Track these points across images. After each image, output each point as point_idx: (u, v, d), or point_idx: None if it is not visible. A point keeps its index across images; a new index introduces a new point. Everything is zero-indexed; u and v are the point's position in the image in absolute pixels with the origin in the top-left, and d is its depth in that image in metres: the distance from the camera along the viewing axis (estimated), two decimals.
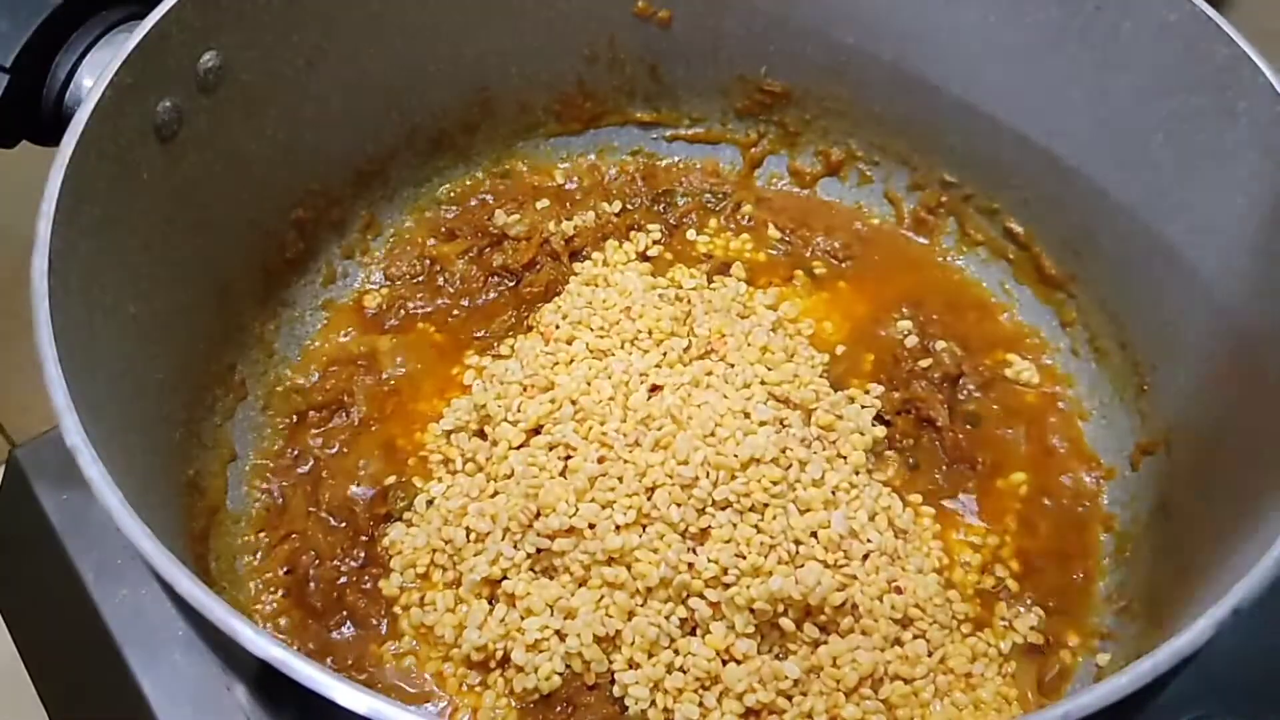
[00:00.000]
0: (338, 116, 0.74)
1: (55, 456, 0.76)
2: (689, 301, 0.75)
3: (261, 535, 0.68)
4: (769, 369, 0.69)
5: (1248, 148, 0.61)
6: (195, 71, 0.62)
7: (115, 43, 0.62)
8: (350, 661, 0.64)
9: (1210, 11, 0.62)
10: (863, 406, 0.71)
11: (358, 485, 0.70)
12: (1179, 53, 0.63)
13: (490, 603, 0.63)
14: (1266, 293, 0.60)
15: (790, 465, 0.64)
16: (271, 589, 0.66)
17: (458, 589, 0.64)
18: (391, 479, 0.70)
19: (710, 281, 0.78)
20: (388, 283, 0.80)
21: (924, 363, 0.74)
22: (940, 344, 0.76)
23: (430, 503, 0.68)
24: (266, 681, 0.43)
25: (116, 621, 0.69)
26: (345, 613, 0.65)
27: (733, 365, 0.69)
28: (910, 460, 0.71)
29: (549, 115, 0.85)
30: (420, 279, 0.80)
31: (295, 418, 0.73)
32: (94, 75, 0.61)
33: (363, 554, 0.67)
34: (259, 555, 0.68)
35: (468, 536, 0.65)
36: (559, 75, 0.83)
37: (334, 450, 0.71)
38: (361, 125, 0.77)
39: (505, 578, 0.63)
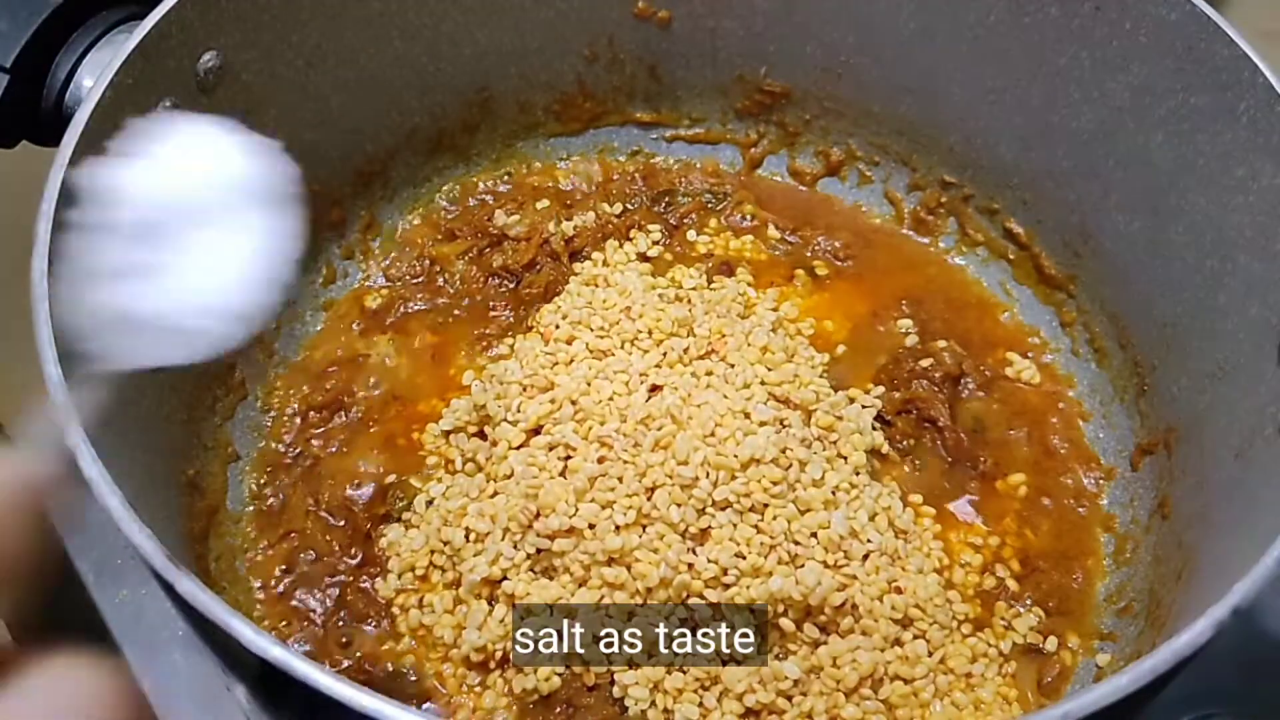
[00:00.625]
0: (338, 116, 0.74)
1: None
2: (689, 301, 0.75)
3: (261, 534, 0.68)
4: (769, 369, 0.69)
5: (1248, 148, 0.61)
6: (195, 71, 0.62)
7: (115, 43, 0.62)
8: (350, 662, 0.64)
9: (1210, 11, 0.62)
10: (863, 407, 0.71)
11: (357, 485, 0.70)
12: (1179, 53, 0.63)
13: (490, 603, 0.63)
14: (1266, 292, 0.60)
15: (790, 465, 0.64)
16: (270, 588, 0.66)
17: (457, 590, 0.64)
18: (391, 479, 0.70)
19: (710, 282, 0.78)
20: (388, 283, 0.80)
21: (925, 362, 0.74)
22: (941, 343, 0.76)
23: (430, 503, 0.68)
24: (266, 681, 0.43)
25: (116, 621, 0.69)
26: (344, 612, 0.65)
27: (733, 365, 0.69)
28: (911, 460, 0.71)
29: (549, 115, 0.85)
30: (420, 279, 0.80)
31: (295, 418, 0.73)
32: (94, 75, 0.61)
33: (360, 554, 0.67)
34: (259, 554, 0.68)
35: (467, 537, 0.64)
36: (559, 75, 0.83)
37: (334, 450, 0.71)
38: (361, 125, 0.77)
39: (505, 578, 0.63)
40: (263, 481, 0.70)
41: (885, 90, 0.79)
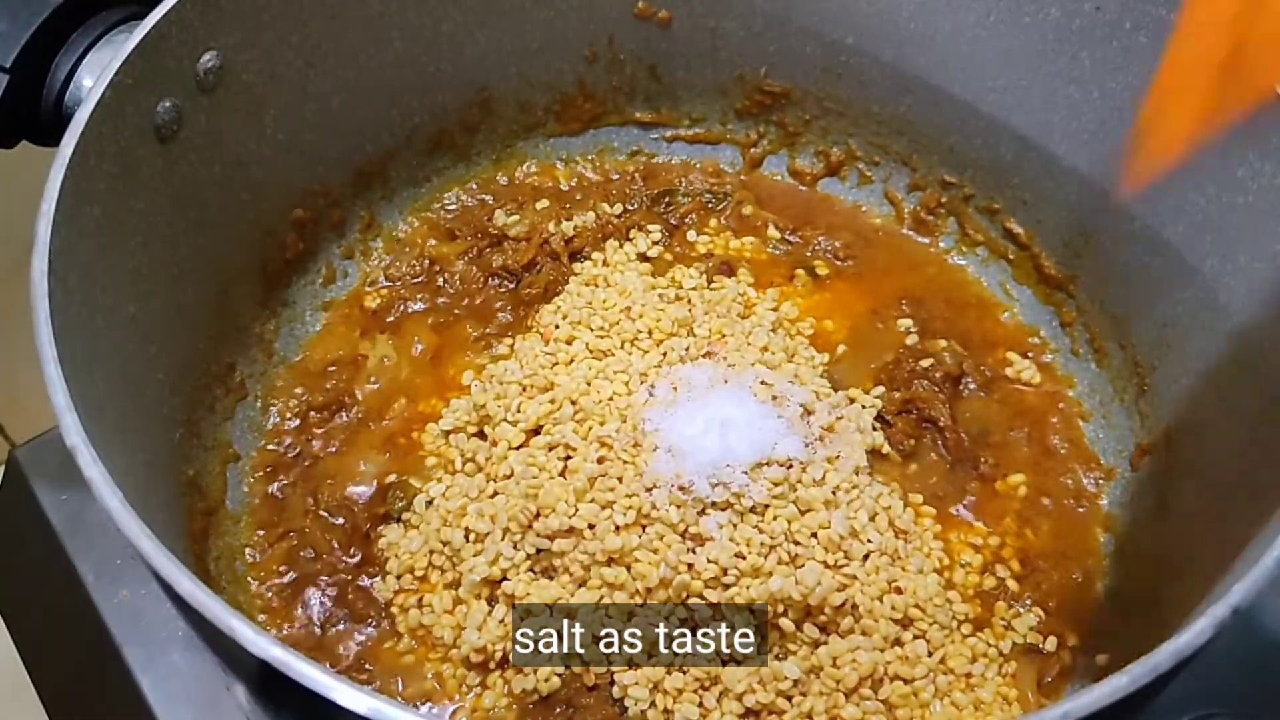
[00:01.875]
0: (338, 116, 0.74)
1: (55, 456, 0.76)
2: (689, 301, 0.75)
3: (260, 534, 0.68)
4: (769, 369, 0.69)
5: (1248, 148, 0.61)
6: (195, 71, 0.62)
7: (115, 43, 0.62)
8: (349, 662, 0.64)
9: None
10: (864, 407, 0.71)
11: (357, 485, 0.70)
12: None
13: (490, 603, 0.63)
14: (1266, 292, 0.60)
15: (791, 466, 0.64)
16: (270, 587, 0.66)
17: (456, 590, 0.64)
18: (391, 479, 0.70)
19: (710, 282, 0.78)
20: (388, 283, 0.80)
21: (925, 362, 0.74)
22: (941, 343, 0.76)
23: (429, 503, 0.68)
24: (266, 681, 0.43)
25: (116, 621, 0.69)
26: (345, 612, 0.65)
27: (733, 365, 0.69)
28: (911, 460, 0.71)
29: (549, 115, 0.85)
30: (420, 279, 0.79)
31: (296, 418, 0.73)
32: (94, 75, 0.61)
33: (359, 554, 0.67)
34: (259, 554, 0.68)
35: (467, 537, 0.64)
36: (559, 75, 0.83)
37: (333, 450, 0.71)
38: (361, 125, 0.77)
39: (505, 578, 0.63)
40: (263, 481, 0.70)
41: (885, 90, 0.79)
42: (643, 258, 0.80)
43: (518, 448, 0.67)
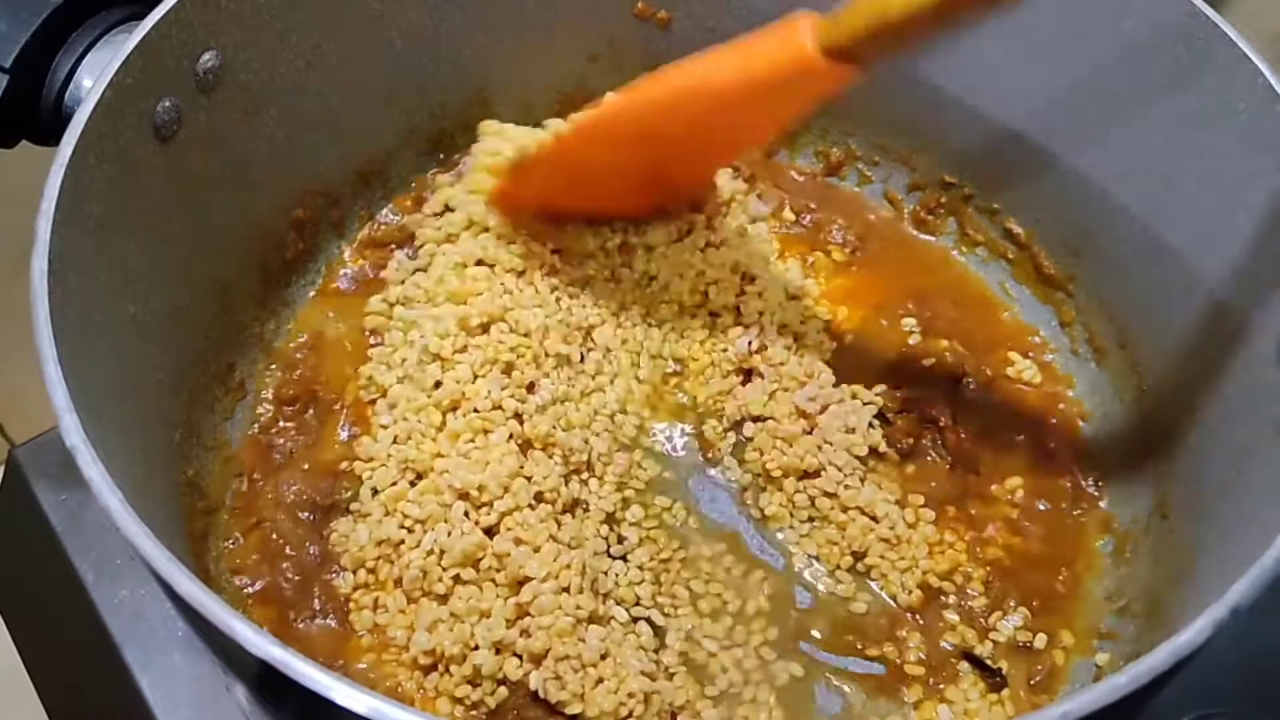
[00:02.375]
0: (338, 116, 0.74)
1: (55, 456, 0.76)
2: None
3: (237, 529, 0.66)
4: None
5: (1248, 148, 0.61)
6: (195, 71, 0.62)
7: (115, 43, 0.62)
8: (322, 658, 0.60)
9: (1210, 11, 0.62)
10: (864, 404, 0.71)
11: (322, 475, 0.67)
12: (1179, 53, 0.63)
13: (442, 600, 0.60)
14: (1266, 292, 0.60)
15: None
16: (248, 583, 0.64)
17: (404, 586, 0.61)
18: (343, 465, 0.67)
19: None
20: (362, 260, 0.78)
21: (927, 361, 0.74)
22: (944, 343, 0.76)
23: (375, 491, 0.65)
24: (266, 681, 0.43)
25: (116, 621, 0.69)
26: (317, 606, 0.63)
27: None
28: (910, 461, 0.71)
29: (549, 115, 0.85)
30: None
31: (269, 408, 0.71)
32: (94, 75, 0.61)
33: (316, 549, 0.65)
34: (238, 555, 0.66)
35: (402, 526, 0.62)
36: (559, 75, 0.83)
37: (306, 439, 0.69)
38: (361, 125, 0.77)
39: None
40: (241, 478, 0.68)
41: (885, 90, 0.79)
42: None
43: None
